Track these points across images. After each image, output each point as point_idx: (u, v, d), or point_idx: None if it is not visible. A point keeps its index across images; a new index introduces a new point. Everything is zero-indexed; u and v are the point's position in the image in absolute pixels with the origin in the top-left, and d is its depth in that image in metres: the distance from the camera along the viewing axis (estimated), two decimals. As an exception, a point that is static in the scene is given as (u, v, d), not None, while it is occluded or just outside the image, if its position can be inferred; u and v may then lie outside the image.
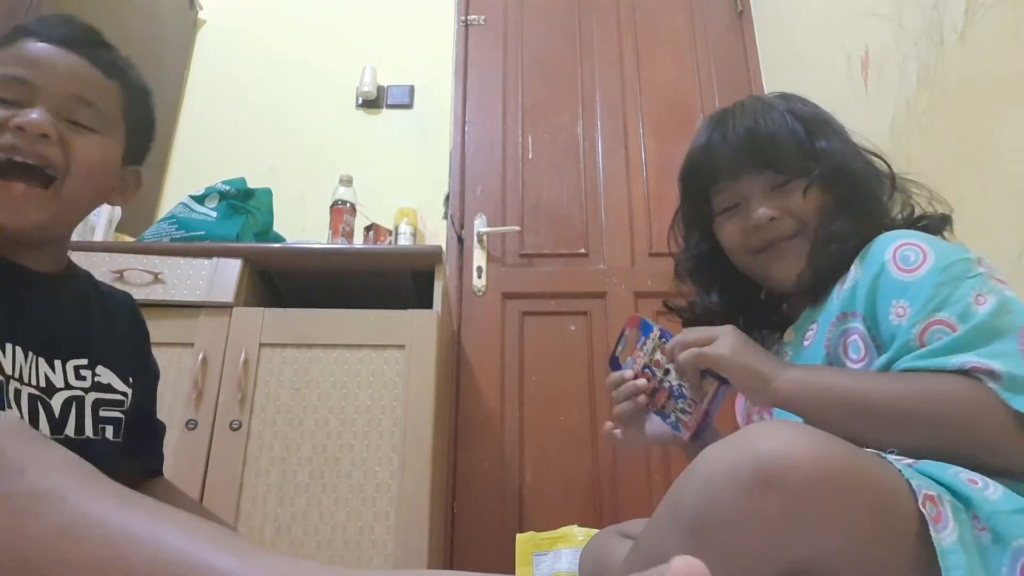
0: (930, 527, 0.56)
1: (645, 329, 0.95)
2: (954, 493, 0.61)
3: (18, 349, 0.76)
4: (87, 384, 0.84)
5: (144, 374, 0.99)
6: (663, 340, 0.92)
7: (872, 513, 0.57)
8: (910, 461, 0.64)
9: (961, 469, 0.64)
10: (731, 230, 0.96)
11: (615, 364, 0.98)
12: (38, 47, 0.79)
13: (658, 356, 0.92)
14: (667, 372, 0.91)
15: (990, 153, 1.24)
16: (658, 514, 0.64)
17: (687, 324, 1.03)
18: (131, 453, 0.94)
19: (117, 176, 0.87)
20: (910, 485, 0.59)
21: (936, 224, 0.89)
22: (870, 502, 0.58)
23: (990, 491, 0.62)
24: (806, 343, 0.88)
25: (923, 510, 0.57)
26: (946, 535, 0.57)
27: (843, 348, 0.83)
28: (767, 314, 1.00)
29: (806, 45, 2.14)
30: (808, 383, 0.79)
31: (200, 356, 1.55)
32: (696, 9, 2.66)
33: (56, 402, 0.80)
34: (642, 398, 0.94)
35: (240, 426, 1.51)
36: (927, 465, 0.64)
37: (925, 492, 0.59)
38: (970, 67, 1.33)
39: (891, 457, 0.63)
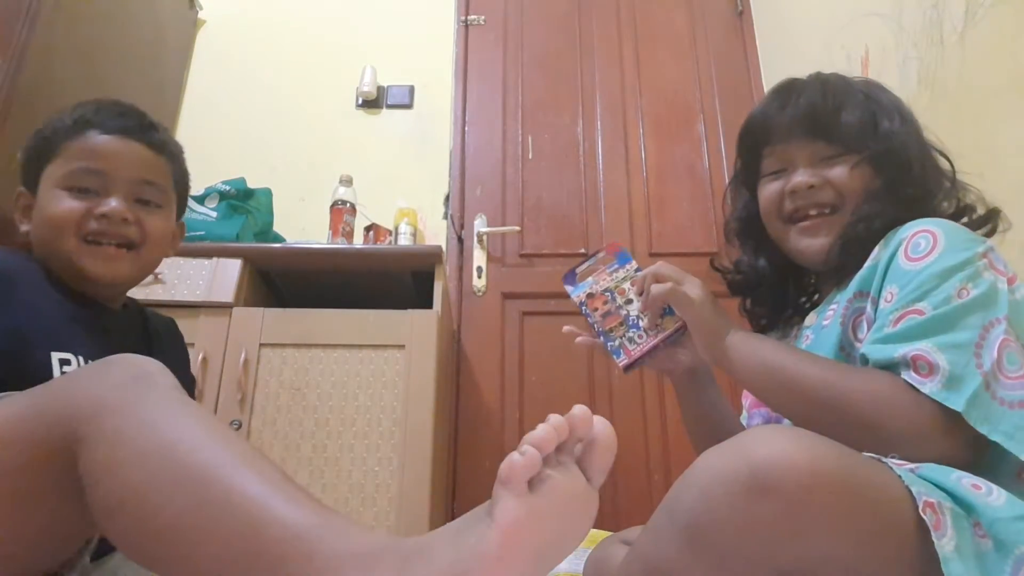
0: (932, 534, 0.56)
1: (622, 259, 0.99)
2: (956, 499, 0.60)
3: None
4: None
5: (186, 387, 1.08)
6: (636, 273, 0.96)
7: (870, 519, 0.57)
8: (912, 466, 0.63)
9: (964, 474, 0.63)
10: (769, 192, 0.96)
11: (571, 279, 1.02)
12: (104, 140, 0.94)
13: (626, 286, 0.97)
14: (629, 302, 0.96)
15: (990, 153, 1.24)
16: (655, 518, 0.64)
17: (731, 285, 1.06)
18: None
19: (172, 234, 1.04)
20: (910, 491, 0.59)
21: (978, 222, 0.89)
22: (868, 508, 0.57)
23: (993, 497, 0.61)
24: (825, 322, 0.88)
25: (923, 516, 0.57)
26: (944, 543, 0.56)
27: (853, 328, 0.84)
28: (805, 292, 1.02)
29: (806, 45, 2.14)
30: (750, 351, 0.83)
31: (200, 356, 1.55)
32: (696, 9, 2.66)
33: None
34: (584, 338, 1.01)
35: (240, 426, 1.51)
36: (929, 470, 0.64)
37: (925, 499, 0.58)
38: (970, 67, 1.33)
39: (891, 462, 0.63)
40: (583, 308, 0.99)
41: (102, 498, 0.57)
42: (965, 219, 0.89)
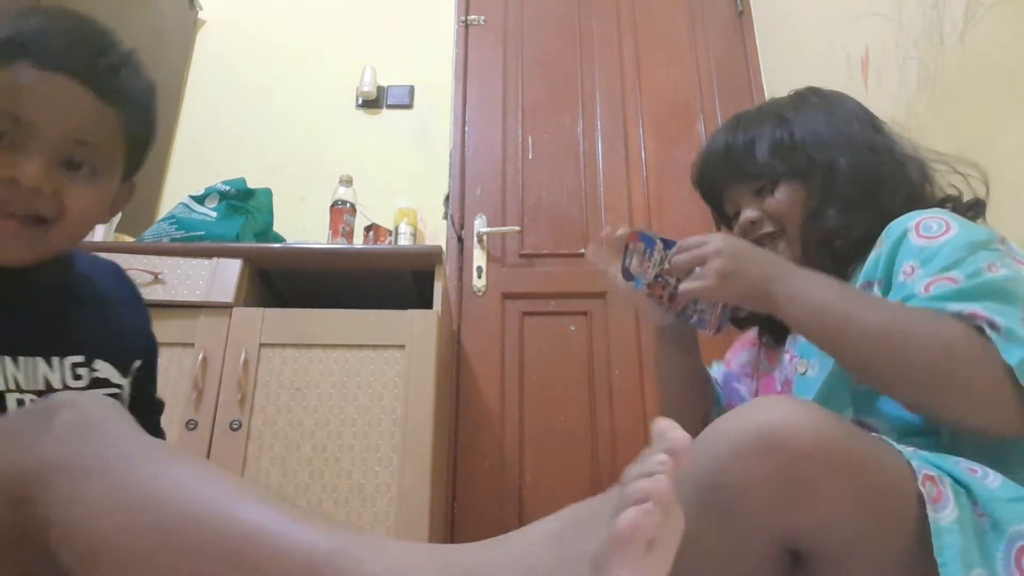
0: (928, 506, 0.57)
1: (647, 241, 0.98)
2: (954, 479, 0.61)
3: (7, 360, 0.74)
4: (84, 383, 0.81)
5: (144, 355, 0.95)
6: (667, 250, 0.96)
7: (870, 488, 0.58)
8: (911, 449, 0.64)
9: (960, 459, 0.64)
10: (737, 235, 0.99)
11: (628, 275, 1.00)
12: (37, 78, 0.70)
13: (667, 265, 0.96)
14: (680, 280, 0.93)
15: (990, 153, 1.24)
16: None
17: (736, 323, 1.06)
18: None
19: (110, 202, 0.83)
20: (910, 465, 0.60)
21: (963, 208, 0.89)
22: (868, 476, 0.58)
23: (990, 479, 0.62)
24: None
25: (922, 489, 0.58)
26: (945, 514, 0.57)
27: None
28: None
29: (806, 45, 2.14)
30: (807, 301, 0.80)
31: (200, 356, 1.55)
32: (696, 9, 2.66)
33: None
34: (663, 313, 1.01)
35: (240, 426, 1.51)
36: (927, 453, 0.65)
37: (926, 472, 0.59)
38: (970, 67, 1.33)
39: (890, 441, 0.64)
40: (652, 298, 1.00)
41: (76, 560, 0.51)
42: (950, 205, 0.90)
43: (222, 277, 1.65)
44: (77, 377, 0.80)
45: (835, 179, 0.90)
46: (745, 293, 0.84)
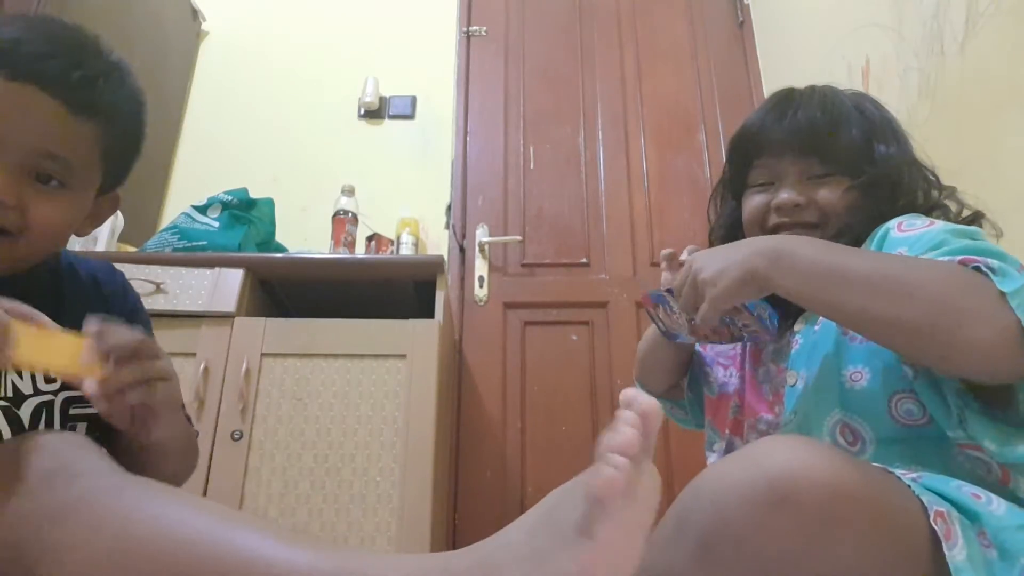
0: (943, 544, 0.55)
1: (658, 299, 0.95)
2: (960, 508, 0.60)
3: None
4: (56, 386, 0.76)
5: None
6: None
7: (887, 533, 0.56)
8: (915, 476, 0.63)
9: (962, 483, 0.63)
10: (754, 204, 0.96)
11: (671, 336, 0.98)
12: (3, 87, 0.68)
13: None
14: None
15: (992, 163, 1.24)
16: (663, 528, 0.61)
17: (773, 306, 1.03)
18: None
19: (83, 216, 0.79)
20: (921, 502, 0.58)
21: (966, 221, 0.90)
22: (885, 521, 0.56)
23: (994, 506, 0.61)
24: (816, 327, 0.87)
25: (935, 527, 0.56)
26: (957, 552, 0.55)
27: None
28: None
29: (807, 55, 2.15)
30: (796, 261, 0.75)
31: (202, 366, 1.55)
32: (697, 20, 2.67)
33: (25, 412, 0.73)
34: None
35: (241, 436, 1.51)
36: (930, 479, 0.63)
37: (936, 509, 0.57)
38: (971, 77, 1.34)
39: (897, 471, 0.62)
40: (707, 340, 0.98)
41: None
42: (938, 213, 0.90)
43: (224, 287, 1.65)
44: (50, 380, 0.76)
45: (895, 200, 0.89)
46: (740, 283, 0.78)
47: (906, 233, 0.80)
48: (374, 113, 2.54)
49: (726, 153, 1.04)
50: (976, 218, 0.90)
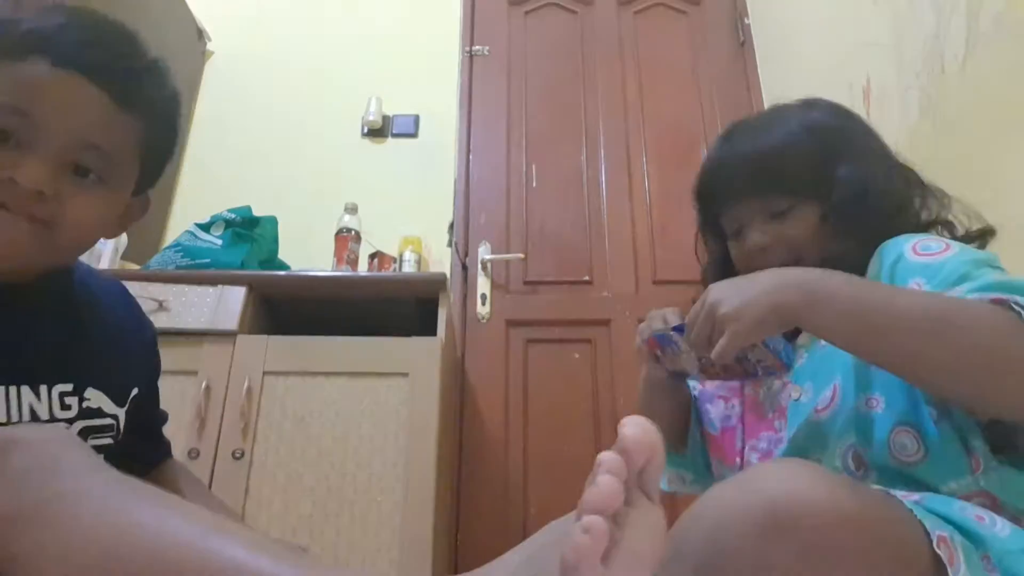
0: (948, 569, 0.54)
1: (664, 340, 0.89)
2: (963, 531, 0.59)
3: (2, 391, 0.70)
4: (73, 413, 0.76)
5: (149, 377, 0.94)
6: (682, 335, 0.86)
7: (888, 558, 0.55)
8: (917, 497, 0.62)
9: (966, 504, 0.62)
10: (737, 253, 0.94)
11: (680, 377, 0.94)
12: (50, 74, 0.67)
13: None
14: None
15: (993, 182, 1.24)
16: None
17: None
18: (135, 452, 0.88)
19: (117, 215, 0.78)
20: (923, 526, 0.57)
21: (972, 237, 0.87)
22: (885, 546, 0.55)
23: (998, 528, 0.60)
24: (821, 344, 0.84)
25: (938, 552, 0.55)
26: None
27: None
28: None
29: (808, 75, 2.16)
30: (831, 299, 0.71)
31: (203, 384, 1.55)
32: (698, 39, 2.69)
33: None
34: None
35: (242, 455, 1.50)
36: (933, 501, 0.63)
37: (939, 533, 0.56)
38: (972, 96, 1.34)
39: (899, 494, 0.61)
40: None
41: None
42: (944, 231, 0.88)
43: (226, 305, 1.65)
44: (65, 407, 0.76)
45: (872, 215, 0.84)
46: (764, 317, 0.73)
47: (923, 259, 0.76)
48: (377, 132, 2.55)
49: (693, 201, 1.01)
50: (984, 234, 0.87)
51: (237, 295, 1.67)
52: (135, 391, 0.87)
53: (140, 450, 0.92)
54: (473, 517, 1.99)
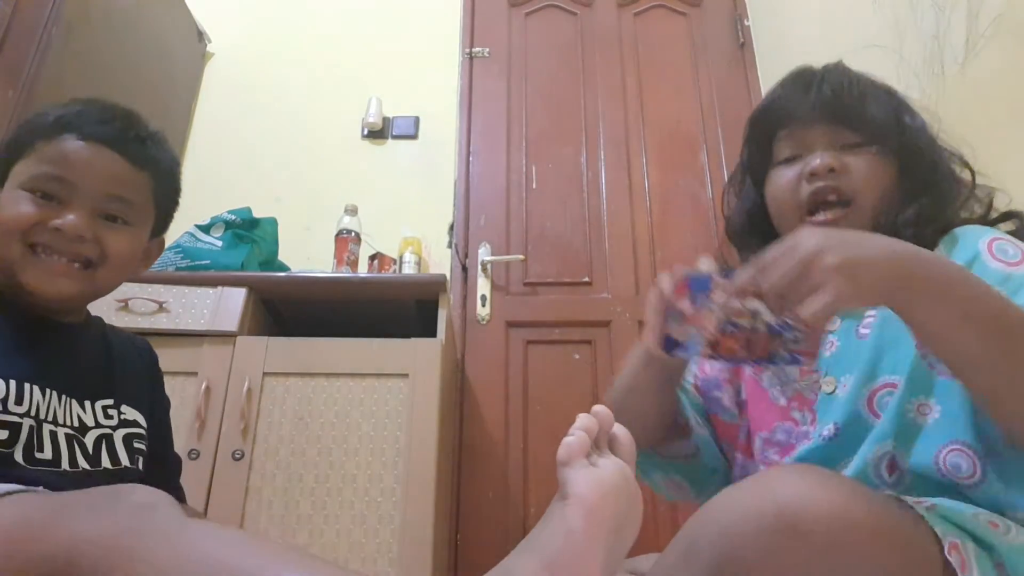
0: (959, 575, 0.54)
1: (699, 286, 0.76)
2: (976, 539, 0.59)
3: (52, 393, 0.84)
4: (115, 422, 0.92)
5: (157, 409, 1.06)
6: (727, 280, 0.73)
7: (899, 562, 0.55)
8: (929, 504, 0.62)
9: (980, 510, 0.62)
10: (783, 178, 0.89)
11: (671, 344, 0.79)
12: (78, 147, 0.86)
13: (735, 304, 0.72)
14: (755, 315, 0.71)
15: (994, 183, 1.24)
16: (669, 555, 0.60)
17: None
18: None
19: (141, 250, 0.95)
20: (934, 532, 0.57)
21: (998, 219, 0.86)
22: (898, 550, 0.55)
23: (1012, 534, 0.59)
24: (864, 330, 0.80)
25: (949, 559, 0.55)
26: None
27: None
28: None
29: (808, 76, 2.15)
30: (946, 283, 0.64)
31: (203, 385, 1.54)
32: (698, 41, 2.69)
33: (89, 440, 0.88)
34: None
35: (242, 456, 1.50)
36: (946, 506, 0.62)
37: (951, 540, 0.56)
38: (972, 97, 1.34)
39: (910, 500, 0.61)
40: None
41: None
42: (1016, 223, 0.87)
43: (226, 306, 1.65)
44: (108, 416, 0.92)
45: (932, 179, 0.85)
46: (880, 284, 0.63)
47: (1000, 265, 0.73)
48: (377, 133, 2.55)
49: (745, 132, 0.98)
50: (1008, 217, 0.87)
51: (237, 296, 1.67)
52: (151, 413, 1.02)
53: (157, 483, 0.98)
54: (473, 518, 1.99)
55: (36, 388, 0.82)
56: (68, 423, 0.86)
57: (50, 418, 0.83)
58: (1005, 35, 1.25)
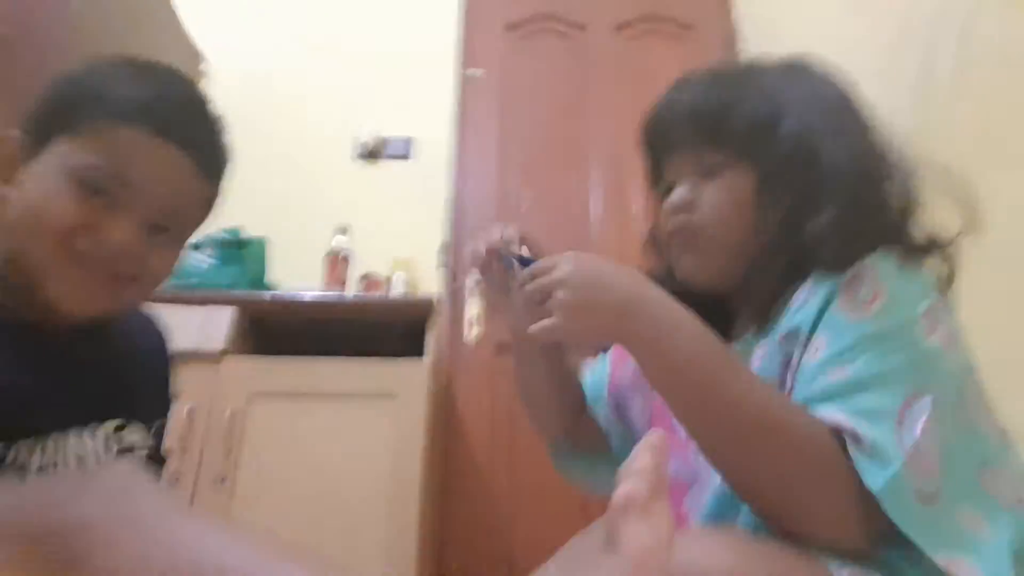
0: None
1: (507, 264, 0.84)
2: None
3: (49, 443, 0.72)
4: (112, 455, 0.81)
5: (165, 410, 0.97)
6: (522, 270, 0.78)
7: None
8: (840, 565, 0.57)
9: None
10: (658, 216, 0.83)
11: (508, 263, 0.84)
12: (150, 145, 0.71)
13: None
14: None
15: (984, 202, 1.23)
16: None
17: None
18: None
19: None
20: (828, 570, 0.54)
21: (922, 248, 0.73)
22: None
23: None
24: (755, 363, 0.71)
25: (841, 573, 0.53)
26: None
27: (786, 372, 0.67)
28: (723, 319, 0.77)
29: (800, 100, 2.16)
30: (670, 350, 0.64)
31: (188, 407, 1.53)
32: (692, 62, 2.68)
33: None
34: None
35: (225, 480, 1.48)
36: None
37: (845, 570, 0.54)
38: (962, 121, 1.34)
39: (831, 565, 0.56)
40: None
41: None
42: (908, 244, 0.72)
43: (214, 325, 1.64)
44: (108, 449, 0.80)
45: (807, 174, 0.71)
46: (595, 330, 0.67)
47: (846, 316, 0.63)
48: (371, 153, 2.55)
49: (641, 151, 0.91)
50: (930, 247, 0.73)
51: (224, 316, 1.66)
52: (158, 422, 0.91)
53: None
54: (459, 540, 1.96)
55: (24, 449, 0.69)
56: (63, 464, 0.73)
57: (47, 466, 0.71)
58: (995, 61, 1.25)
